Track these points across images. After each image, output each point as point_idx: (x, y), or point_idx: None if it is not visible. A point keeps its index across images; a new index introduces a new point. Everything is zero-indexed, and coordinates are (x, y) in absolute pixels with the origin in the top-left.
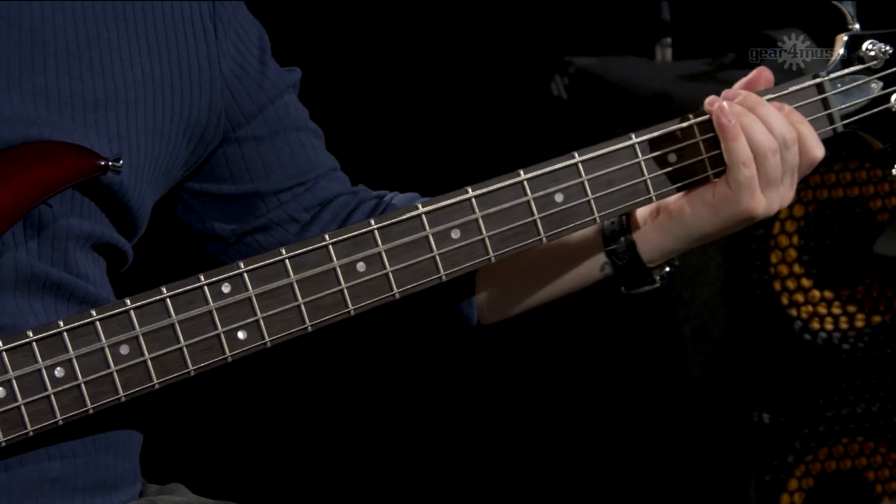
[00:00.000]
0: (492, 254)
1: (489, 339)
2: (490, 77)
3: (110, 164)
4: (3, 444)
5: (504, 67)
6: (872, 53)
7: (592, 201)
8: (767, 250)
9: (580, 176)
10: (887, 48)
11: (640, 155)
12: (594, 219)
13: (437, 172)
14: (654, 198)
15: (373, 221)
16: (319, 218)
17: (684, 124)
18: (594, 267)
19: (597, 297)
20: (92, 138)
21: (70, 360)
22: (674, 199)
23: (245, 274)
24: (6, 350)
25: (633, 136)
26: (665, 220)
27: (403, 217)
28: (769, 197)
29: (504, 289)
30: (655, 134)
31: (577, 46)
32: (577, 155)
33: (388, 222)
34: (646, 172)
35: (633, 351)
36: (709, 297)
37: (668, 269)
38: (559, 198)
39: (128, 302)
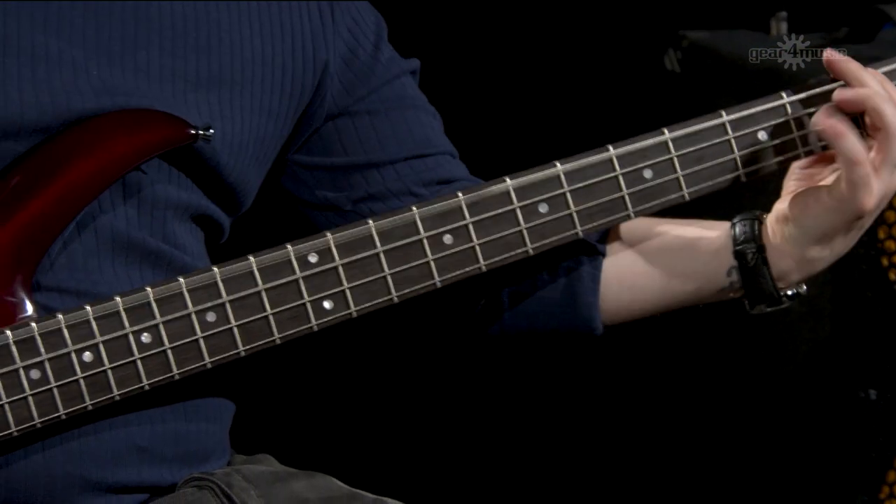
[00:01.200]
0: (579, 228)
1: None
2: (604, 51)
3: (200, 132)
4: (90, 407)
5: (618, 41)
6: None
7: (681, 178)
8: (875, 226)
9: (669, 152)
10: None
11: (730, 132)
12: (682, 195)
13: (552, 149)
14: (742, 176)
15: (461, 194)
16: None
17: (775, 103)
18: (721, 271)
19: None
20: (193, 115)
21: (157, 327)
22: (792, 204)
23: (333, 244)
24: (95, 315)
25: (724, 113)
26: (784, 225)
27: (491, 191)
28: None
29: (630, 294)
30: (746, 112)
31: (692, 20)
32: (666, 131)
33: (477, 195)
34: (735, 150)
35: (741, 327)
36: (816, 274)
37: (795, 290)
38: (648, 174)
39: (215, 270)
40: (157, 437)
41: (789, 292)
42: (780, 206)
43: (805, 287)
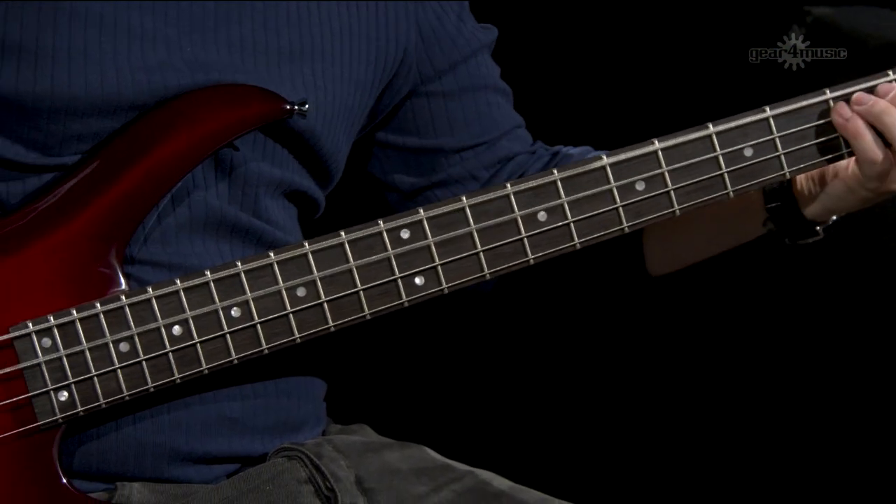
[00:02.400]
0: (676, 207)
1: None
2: (726, 26)
3: (296, 107)
4: (178, 380)
5: (741, 16)
6: None
7: (783, 157)
8: None
9: (771, 132)
10: None
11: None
12: (783, 174)
13: (668, 122)
14: (845, 154)
15: (556, 172)
16: (498, 176)
17: (872, 82)
18: (757, 222)
19: None
20: (287, 87)
21: (246, 301)
22: (821, 173)
23: (425, 221)
24: (184, 289)
25: (828, 91)
26: (813, 185)
27: (588, 168)
28: None
29: (671, 242)
30: (848, 90)
31: None
32: (768, 109)
33: (572, 173)
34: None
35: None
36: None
37: (831, 220)
38: (748, 152)
39: (306, 245)
40: (247, 410)
41: (829, 222)
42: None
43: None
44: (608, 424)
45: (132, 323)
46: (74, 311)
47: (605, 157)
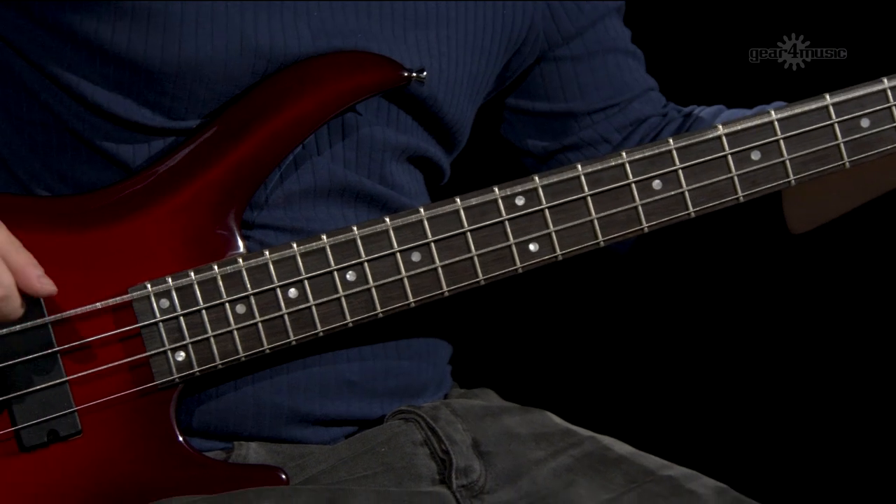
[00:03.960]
0: (792, 177)
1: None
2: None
3: (414, 74)
4: (294, 342)
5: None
6: None
7: None
8: None
9: (888, 101)
10: None
11: None
12: None
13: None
14: None
15: (671, 140)
16: (630, 139)
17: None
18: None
19: None
20: (412, 53)
21: (362, 265)
22: None
23: (540, 188)
24: (301, 252)
25: None
26: None
27: (703, 137)
28: None
29: (809, 200)
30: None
31: None
32: (885, 80)
33: (687, 142)
34: None
35: None
36: None
37: None
38: (865, 123)
39: (421, 211)
40: (367, 373)
41: None
42: None
43: None
44: (733, 392)
45: (249, 285)
46: (192, 273)
47: (720, 126)
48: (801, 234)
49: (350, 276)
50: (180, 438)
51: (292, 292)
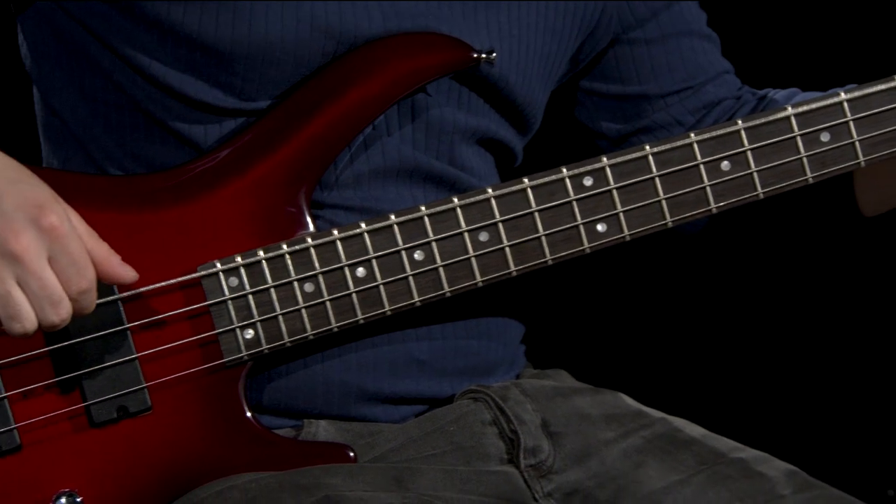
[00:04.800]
0: (861, 158)
1: None
2: None
3: (484, 55)
4: (362, 321)
5: None
6: None
7: None
8: None
9: None
10: None
11: None
12: None
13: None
14: None
15: (740, 121)
16: (703, 122)
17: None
18: None
19: None
20: (482, 34)
21: (429, 244)
22: None
23: (608, 168)
24: (368, 231)
25: None
26: None
27: (771, 118)
28: None
29: (881, 182)
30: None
31: None
32: None
33: (756, 122)
34: None
35: None
36: None
37: None
38: None
39: (489, 190)
40: (436, 352)
41: None
42: None
43: None
44: (809, 374)
45: (317, 264)
46: (261, 252)
47: (789, 107)
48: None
49: (418, 255)
50: (249, 415)
51: (360, 271)
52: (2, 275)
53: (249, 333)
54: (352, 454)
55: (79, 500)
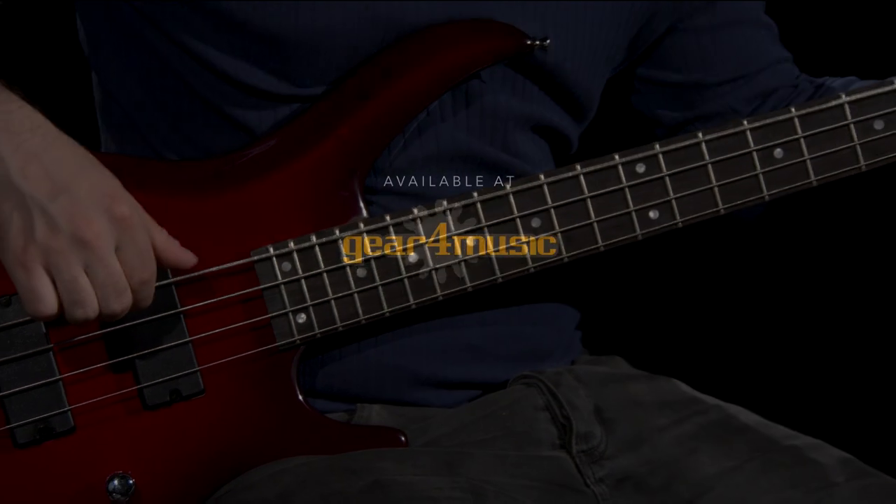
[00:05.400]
0: None
1: None
2: None
3: (537, 42)
4: (413, 306)
5: None
6: None
7: None
8: None
9: None
10: None
11: None
12: None
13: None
14: None
15: (793, 109)
16: (759, 111)
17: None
18: None
19: None
20: (536, 21)
21: (482, 230)
22: None
23: (660, 155)
24: (421, 217)
25: None
26: None
27: (825, 106)
28: None
29: None
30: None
31: None
32: None
33: (810, 110)
34: None
35: None
36: None
37: None
38: None
39: (541, 177)
40: (490, 337)
41: None
42: None
43: None
44: (867, 364)
45: (369, 248)
46: (314, 237)
47: (843, 95)
48: None
49: (469, 240)
50: (301, 399)
51: (412, 257)
52: (70, 260)
53: (302, 318)
54: (403, 438)
55: (131, 482)
